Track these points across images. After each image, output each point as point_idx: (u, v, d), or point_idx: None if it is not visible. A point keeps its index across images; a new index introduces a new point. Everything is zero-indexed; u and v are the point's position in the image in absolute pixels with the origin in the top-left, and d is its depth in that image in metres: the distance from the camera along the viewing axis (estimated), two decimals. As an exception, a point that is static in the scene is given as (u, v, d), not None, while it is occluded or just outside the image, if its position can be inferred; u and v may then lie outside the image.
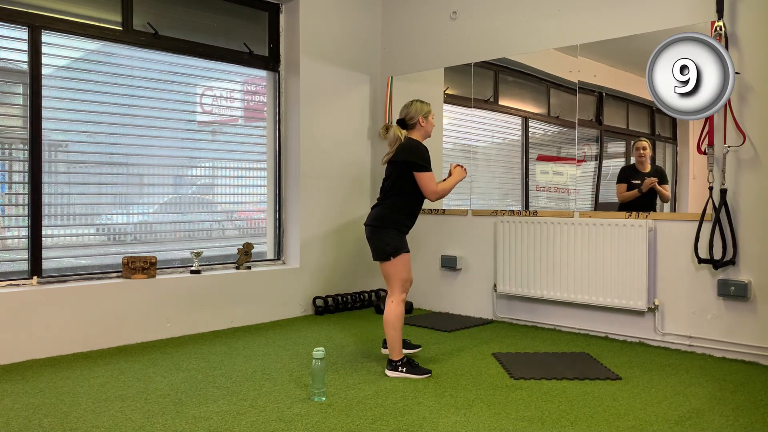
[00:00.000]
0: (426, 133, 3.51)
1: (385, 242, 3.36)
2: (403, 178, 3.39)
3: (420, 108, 3.48)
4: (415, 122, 3.47)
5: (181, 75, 4.55)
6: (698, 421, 2.67)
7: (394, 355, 3.33)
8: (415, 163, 3.34)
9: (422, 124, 3.48)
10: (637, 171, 4.18)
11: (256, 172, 5.05)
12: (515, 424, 2.63)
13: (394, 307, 3.35)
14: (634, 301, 4.01)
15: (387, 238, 3.36)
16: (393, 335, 3.33)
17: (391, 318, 3.34)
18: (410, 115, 3.49)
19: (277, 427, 2.57)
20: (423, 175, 3.34)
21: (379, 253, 3.39)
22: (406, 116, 3.51)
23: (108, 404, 2.83)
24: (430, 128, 3.53)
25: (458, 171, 3.50)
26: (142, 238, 4.40)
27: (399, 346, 3.33)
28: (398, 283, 3.36)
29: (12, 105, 3.83)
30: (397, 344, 3.33)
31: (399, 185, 3.40)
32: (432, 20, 5.23)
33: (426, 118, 3.48)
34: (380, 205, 3.46)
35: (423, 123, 3.48)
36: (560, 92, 4.56)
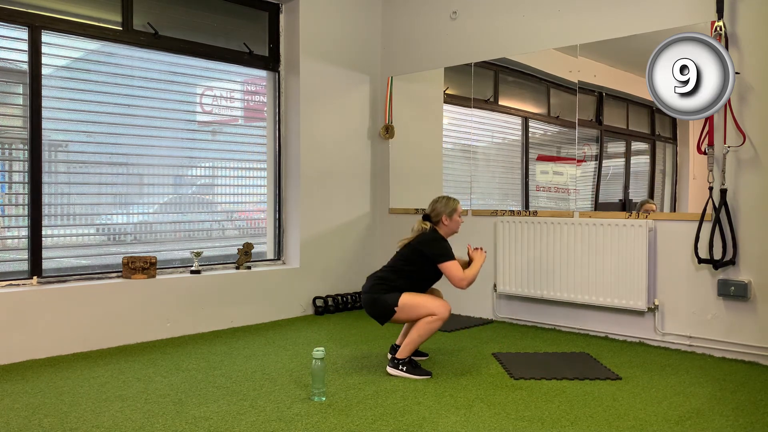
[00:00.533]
0: (450, 231, 3.48)
1: (380, 304, 3.33)
2: (413, 264, 3.39)
3: (445, 206, 3.46)
4: (438, 220, 3.46)
5: (181, 75, 4.55)
6: (698, 421, 2.67)
7: (402, 353, 3.33)
8: (437, 255, 3.33)
9: (446, 223, 3.46)
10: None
11: (256, 172, 5.05)
12: (515, 424, 2.63)
13: (434, 321, 3.28)
14: (634, 301, 4.01)
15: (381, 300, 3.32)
16: (415, 339, 3.30)
17: (425, 327, 3.28)
18: (435, 212, 3.47)
19: (277, 427, 2.57)
20: (448, 265, 3.33)
21: (382, 316, 3.36)
22: (431, 212, 3.49)
23: (108, 404, 2.83)
24: (456, 227, 3.49)
25: (479, 255, 3.45)
26: (142, 238, 4.40)
27: (412, 350, 3.33)
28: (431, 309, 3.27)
29: (12, 105, 3.83)
30: (412, 348, 3.32)
31: (408, 269, 3.39)
32: (432, 20, 5.23)
33: (450, 217, 3.45)
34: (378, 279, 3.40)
35: (446, 222, 3.45)
36: (560, 92, 4.56)
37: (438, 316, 3.27)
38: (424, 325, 3.28)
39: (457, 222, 3.48)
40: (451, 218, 3.46)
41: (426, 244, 3.38)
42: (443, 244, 3.39)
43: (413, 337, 3.30)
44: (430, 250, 3.36)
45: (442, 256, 3.34)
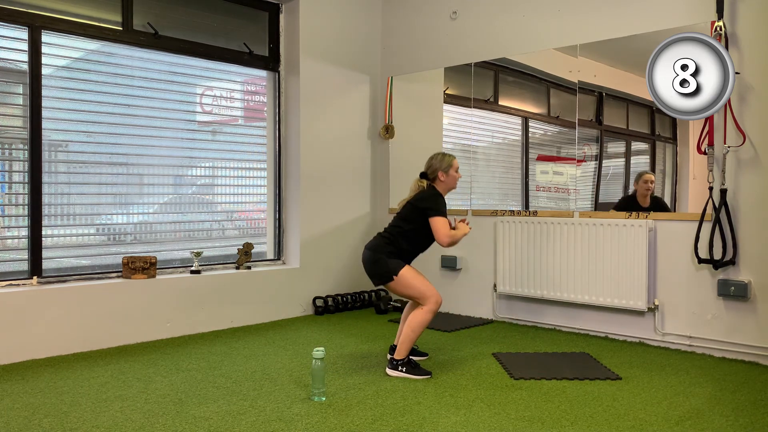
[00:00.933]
0: (447, 187, 3.47)
1: (381, 265, 3.35)
2: (412, 222, 3.39)
3: (440, 162, 3.46)
4: (435, 176, 3.46)
5: (181, 75, 4.55)
6: (698, 421, 2.67)
7: (400, 353, 3.33)
8: (429, 208, 3.33)
9: (442, 179, 3.45)
10: (637, 204, 4.14)
11: (256, 172, 5.05)
12: (515, 424, 2.63)
13: (423, 313, 3.31)
14: (634, 301, 4.01)
15: (382, 261, 3.35)
16: (409, 336, 3.31)
17: (416, 322, 3.31)
18: (431, 168, 3.47)
19: (277, 427, 2.57)
20: (437, 220, 3.33)
21: (378, 276, 3.38)
22: (427, 169, 3.50)
23: (108, 404, 2.83)
24: (453, 182, 3.48)
25: (463, 226, 3.45)
26: (142, 238, 4.40)
27: (409, 348, 3.33)
28: (425, 293, 3.31)
29: (12, 105, 3.83)
30: (408, 346, 3.32)
31: (406, 228, 3.40)
32: (432, 20, 5.23)
33: (447, 172, 3.44)
34: (383, 237, 3.44)
35: (443, 178, 3.45)
36: (560, 92, 4.56)
37: (429, 306, 3.31)
38: (416, 320, 3.31)
39: (453, 177, 3.48)
40: (448, 174, 3.45)
41: (422, 200, 3.38)
42: (438, 200, 3.38)
43: (407, 334, 3.32)
44: (425, 203, 3.36)
45: (434, 210, 3.33)
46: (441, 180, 3.46)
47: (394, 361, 3.33)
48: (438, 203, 3.38)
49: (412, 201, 3.42)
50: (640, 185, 4.13)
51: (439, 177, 3.45)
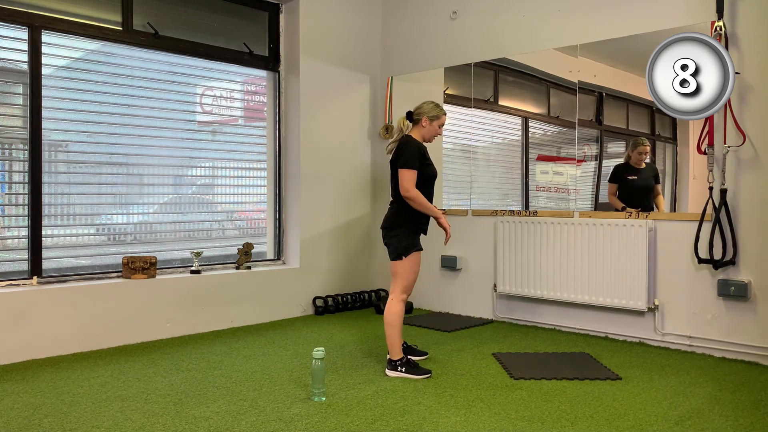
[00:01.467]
0: (425, 135, 3.47)
1: (397, 242, 3.37)
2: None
3: (430, 109, 3.45)
4: (419, 119, 3.45)
5: (181, 75, 4.55)
6: (698, 421, 2.67)
7: (393, 354, 3.33)
8: (403, 161, 3.33)
9: (424, 125, 3.45)
10: (631, 167, 4.18)
11: (256, 172, 5.05)
12: (515, 424, 2.63)
13: (393, 305, 3.36)
14: (634, 301, 4.01)
15: (399, 238, 3.37)
16: (390, 333, 3.34)
17: (389, 316, 3.35)
18: (419, 111, 3.46)
19: (277, 427, 2.57)
20: (406, 172, 3.31)
21: (391, 252, 3.41)
22: (414, 110, 3.49)
23: (108, 404, 2.83)
24: (431, 133, 3.47)
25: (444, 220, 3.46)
26: (142, 238, 4.40)
27: (398, 345, 3.34)
28: (401, 282, 3.37)
29: (12, 105, 3.83)
30: (396, 342, 3.33)
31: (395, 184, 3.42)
32: (432, 20, 5.23)
33: (431, 121, 3.44)
34: (391, 208, 3.48)
35: (425, 124, 3.45)
36: (560, 92, 4.56)
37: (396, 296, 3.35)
38: (389, 315, 3.35)
39: (435, 130, 3.46)
40: (431, 123, 3.44)
41: (400, 151, 3.37)
42: (412, 151, 3.35)
43: (388, 332, 3.35)
44: (402, 154, 3.35)
45: (406, 163, 3.32)
46: (422, 125, 3.45)
47: (391, 361, 3.33)
48: (412, 156, 3.33)
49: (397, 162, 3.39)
50: (635, 155, 4.15)
51: (422, 122, 3.45)
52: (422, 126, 3.45)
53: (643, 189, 4.16)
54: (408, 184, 3.30)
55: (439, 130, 3.49)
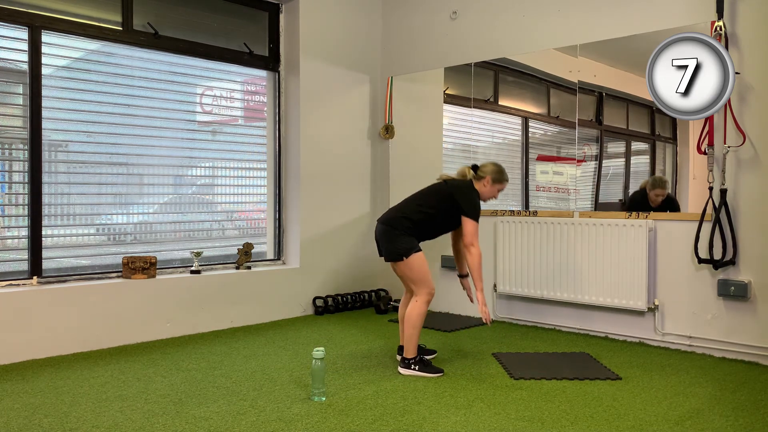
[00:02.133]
0: (483, 194, 3.46)
1: (396, 243, 3.36)
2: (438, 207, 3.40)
3: (494, 172, 3.45)
4: (482, 177, 3.46)
5: (181, 75, 4.55)
6: (698, 421, 2.67)
7: (408, 352, 3.34)
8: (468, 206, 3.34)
9: (485, 185, 3.45)
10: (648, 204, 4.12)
11: (256, 172, 5.05)
12: (515, 424, 2.63)
13: (418, 306, 3.34)
14: (634, 301, 4.01)
15: (399, 239, 3.36)
16: (411, 333, 3.33)
17: (413, 316, 3.33)
18: (484, 169, 3.46)
19: (277, 427, 2.57)
20: (470, 222, 3.34)
21: (390, 254, 3.39)
22: (482, 167, 3.49)
23: (108, 404, 2.83)
24: (490, 195, 3.48)
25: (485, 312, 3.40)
26: (142, 238, 4.40)
27: (415, 345, 3.35)
28: (423, 281, 3.35)
29: (12, 105, 3.83)
30: (414, 342, 3.34)
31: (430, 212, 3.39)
32: (432, 20, 5.23)
33: (493, 183, 3.45)
34: (402, 213, 3.42)
35: (486, 184, 3.45)
36: (560, 92, 4.56)
37: (422, 297, 3.33)
38: (413, 315, 3.33)
39: (493, 192, 3.48)
40: (492, 185, 3.46)
41: (461, 192, 3.38)
42: (477, 204, 3.39)
43: (409, 331, 3.34)
44: (464, 197, 3.36)
45: (474, 214, 3.34)
46: (484, 185, 3.46)
47: (405, 360, 3.34)
48: (476, 205, 3.37)
49: (451, 187, 3.40)
50: (652, 195, 4.11)
51: (485, 181, 3.46)
52: (483, 185, 3.46)
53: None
54: (474, 237, 3.32)
55: (497, 194, 3.50)
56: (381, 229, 3.44)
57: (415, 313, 3.34)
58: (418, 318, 3.33)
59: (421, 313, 3.34)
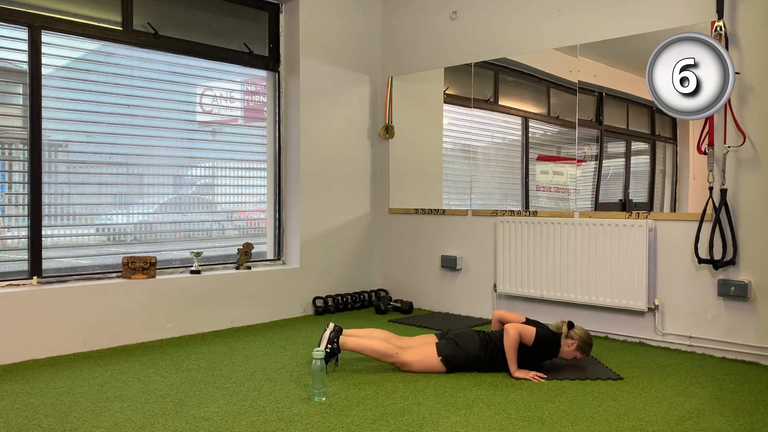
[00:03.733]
0: (563, 351, 3.41)
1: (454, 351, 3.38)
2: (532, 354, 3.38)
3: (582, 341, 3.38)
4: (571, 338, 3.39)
5: (181, 75, 4.55)
6: (698, 421, 2.67)
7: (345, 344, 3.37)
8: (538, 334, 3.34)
9: (569, 346, 3.38)
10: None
11: (256, 172, 5.05)
12: (515, 424, 2.63)
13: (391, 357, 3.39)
14: (634, 301, 4.01)
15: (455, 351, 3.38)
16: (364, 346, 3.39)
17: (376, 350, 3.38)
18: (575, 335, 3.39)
19: (277, 427, 2.57)
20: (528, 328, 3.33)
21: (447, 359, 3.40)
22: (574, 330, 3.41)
23: (108, 404, 2.83)
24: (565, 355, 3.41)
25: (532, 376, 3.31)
26: (142, 238, 4.40)
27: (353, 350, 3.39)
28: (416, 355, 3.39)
29: (12, 105, 3.83)
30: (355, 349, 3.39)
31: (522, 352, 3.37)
32: (432, 20, 5.23)
33: (571, 348, 3.38)
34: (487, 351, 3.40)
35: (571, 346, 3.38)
36: (560, 92, 4.56)
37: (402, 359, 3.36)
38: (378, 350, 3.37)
39: (571, 355, 3.41)
40: (571, 349, 3.38)
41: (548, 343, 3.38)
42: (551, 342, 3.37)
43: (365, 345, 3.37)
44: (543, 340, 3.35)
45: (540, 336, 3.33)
46: (568, 345, 3.39)
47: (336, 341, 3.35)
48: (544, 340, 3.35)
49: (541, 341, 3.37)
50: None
51: (570, 341, 3.38)
52: (568, 344, 3.39)
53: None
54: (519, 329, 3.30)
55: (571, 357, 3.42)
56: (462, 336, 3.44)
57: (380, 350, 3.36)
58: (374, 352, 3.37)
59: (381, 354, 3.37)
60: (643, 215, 4.05)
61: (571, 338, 3.38)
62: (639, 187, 4.28)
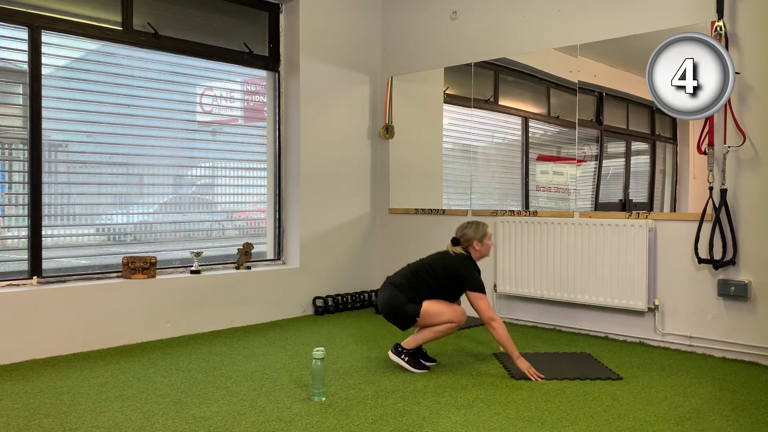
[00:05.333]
0: (481, 256, 3.43)
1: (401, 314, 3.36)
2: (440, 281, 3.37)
3: (475, 232, 3.40)
4: (469, 245, 3.42)
5: (181, 75, 4.55)
6: (698, 421, 2.67)
7: (408, 344, 3.38)
8: (466, 280, 3.32)
9: (477, 248, 3.41)
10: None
11: (256, 172, 5.05)
12: (515, 424, 2.63)
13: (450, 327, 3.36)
14: (634, 301, 4.01)
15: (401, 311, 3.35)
16: (429, 336, 3.36)
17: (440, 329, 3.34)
18: (465, 237, 3.41)
19: (277, 427, 2.57)
20: (480, 297, 3.29)
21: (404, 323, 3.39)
22: (461, 238, 3.44)
23: (108, 404, 2.83)
24: (487, 251, 3.44)
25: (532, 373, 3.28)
26: (142, 238, 4.40)
27: (419, 344, 3.38)
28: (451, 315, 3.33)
29: (12, 105, 3.83)
30: (421, 342, 3.37)
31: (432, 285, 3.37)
32: (432, 20, 5.23)
33: (481, 241, 3.40)
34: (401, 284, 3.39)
35: (477, 247, 3.41)
36: (560, 92, 4.56)
37: (456, 323, 3.35)
38: (440, 329, 3.34)
39: (488, 246, 3.44)
40: (482, 243, 3.42)
41: (457, 265, 3.36)
42: (475, 271, 3.37)
43: (427, 335, 3.36)
44: (461, 271, 3.34)
45: (473, 285, 3.32)
46: (475, 249, 3.41)
47: (399, 347, 3.38)
48: (476, 276, 3.35)
49: (447, 263, 3.37)
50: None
51: (473, 246, 3.41)
52: (475, 250, 3.41)
53: None
54: (490, 310, 3.28)
55: (490, 242, 3.45)
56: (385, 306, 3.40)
57: (444, 329, 3.34)
58: (441, 334, 3.36)
59: (448, 331, 3.36)
60: (643, 215, 4.05)
61: (469, 245, 3.40)
62: (639, 187, 4.28)
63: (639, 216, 4.06)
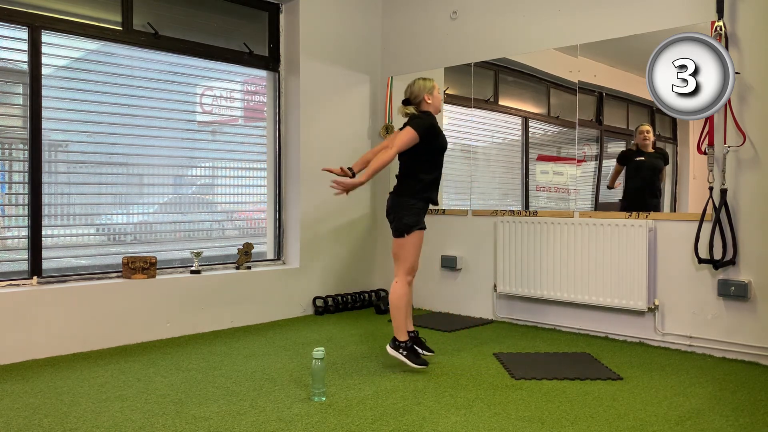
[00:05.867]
0: (435, 110, 3.46)
1: (401, 216, 3.38)
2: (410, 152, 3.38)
3: (423, 85, 3.44)
4: (420, 101, 3.45)
5: (181, 75, 4.55)
6: (698, 421, 2.67)
7: (398, 334, 3.39)
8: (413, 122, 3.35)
9: (428, 101, 3.45)
10: (640, 151, 4.18)
11: (256, 172, 5.05)
12: (515, 424, 2.63)
13: (397, 288, 3.41)
14: (634, 301, 4.01)
15: (405, 211, 3.37)
16: (396, 315, 3.38)
17: (394, 298, 3.39)
18: (414, 94, 3.45)
19: (277, 427, 2.57)
20: (407, 130, 3.32)
21: (394, 229, 3.43)
22: (410, 96, 3.47)
23: (108, 404, 2.83)
24: (438, 103, 3.48)
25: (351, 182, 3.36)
26: (142, 238, 4.40)
27: (403, 327, 3.39)
28: (404, 264, 3.40)
29: (12, 105, 3.83)
30: (400, 323, 3.38)
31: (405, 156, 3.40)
32: (432, 20, 5.23)
33: (431, 93, 3.44)
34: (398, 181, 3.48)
35: (429, 100, 3.45)
36: (560, 92, 4.56)
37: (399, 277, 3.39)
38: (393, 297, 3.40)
39: (438, 98, 3.48)
40: (432, 95, 3.45)
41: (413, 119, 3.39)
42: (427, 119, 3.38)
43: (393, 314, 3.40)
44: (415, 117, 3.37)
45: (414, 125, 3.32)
46: (427, 102, 3.44)
47: (396, 341, 3.39)
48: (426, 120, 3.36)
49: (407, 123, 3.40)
50: (638, 137, 4.17)
51: (425, 100, 3.44)
52: (428, 103, 3.44)
53: (651, 169, 4.15)
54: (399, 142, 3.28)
55: (439, 95, 3.49)
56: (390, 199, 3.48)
57: (396, 294, 3.39)
58: (399, 299, 3.38)
59: (401, 294, 3.38)
60: (643, 215, 4.05)
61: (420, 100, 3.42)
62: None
63: (639, 216, 4.06)
